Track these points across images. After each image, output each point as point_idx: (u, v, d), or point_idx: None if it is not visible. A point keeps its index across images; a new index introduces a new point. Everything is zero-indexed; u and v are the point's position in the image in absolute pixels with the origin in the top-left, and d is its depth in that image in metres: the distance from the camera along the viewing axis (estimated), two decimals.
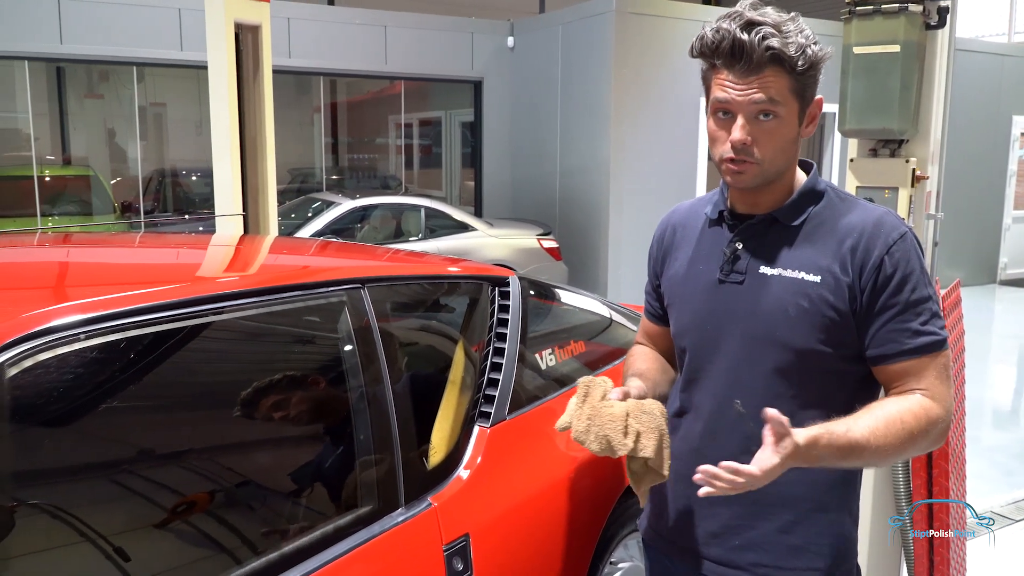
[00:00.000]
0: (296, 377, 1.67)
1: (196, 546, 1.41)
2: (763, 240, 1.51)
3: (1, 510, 1.20)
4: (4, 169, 10.08)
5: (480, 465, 1.84)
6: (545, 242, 8.76)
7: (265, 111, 4.32)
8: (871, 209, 1.48)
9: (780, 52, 1.35)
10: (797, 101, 1.41)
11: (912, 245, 1.44)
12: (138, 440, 1.42)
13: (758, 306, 1.48)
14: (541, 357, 2.22)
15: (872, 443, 1.35)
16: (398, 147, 13.23)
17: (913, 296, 1.42)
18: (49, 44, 8.64)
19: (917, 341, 1.42)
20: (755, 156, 1.42)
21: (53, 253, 2.12)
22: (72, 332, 1.28)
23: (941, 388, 1.43)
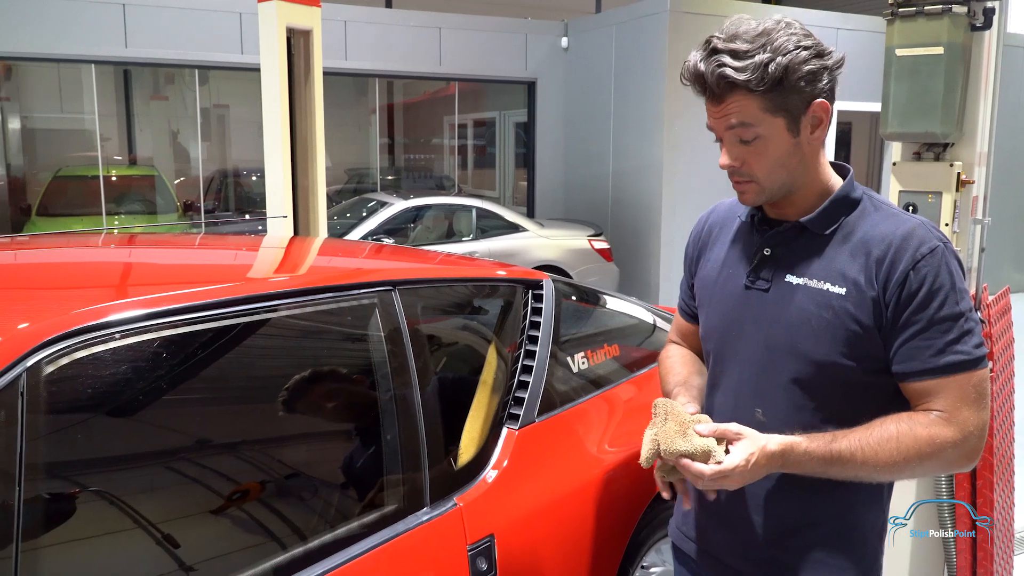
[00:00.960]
0: (325, 377, 1.71)
1: (222, 539, 1.46)
2: (791, 248, 1.48)
3: (53, 499, 1.27)
4: (72, 169, 10.44)
5: (507, 467, 1.86)
6: (596, 243, 8.74)
7: (316, 114, 4.40)
8: (904, 220, 1.43)
9: (732, 79, 1.34)
10: (780, 116, 1.37)
11: (943, 259, 1.38)
12: (167, 437, 1.47)
13: (781, 315, 1.46)
14: (573, 360, 2.23)
15: (858, 458, 1.35)
16: (452, 148, 13.33)
17: (941, 313, 1.36)
18: (115, 48, 8.93)
19: (941, 360, 1.37)
20: (750, 175, 1.42)
21: (110, 253, 2.20)
22: (115, 329, 1.34)
23: (964, 411, 1.37)
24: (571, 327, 2.53)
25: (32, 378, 1.24)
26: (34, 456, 1.22)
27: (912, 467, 1.37)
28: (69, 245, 2.57)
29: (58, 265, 1.98)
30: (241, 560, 1.43)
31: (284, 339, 1.68)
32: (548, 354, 2.10)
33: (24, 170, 12.00)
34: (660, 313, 2.99)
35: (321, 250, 2.38)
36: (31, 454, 1.21)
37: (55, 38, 8.64)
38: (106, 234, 4.77)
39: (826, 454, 1.35)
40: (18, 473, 1.19)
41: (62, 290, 1.66)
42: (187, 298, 1.46)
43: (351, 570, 1.50)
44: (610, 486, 2.05)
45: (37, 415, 1.24)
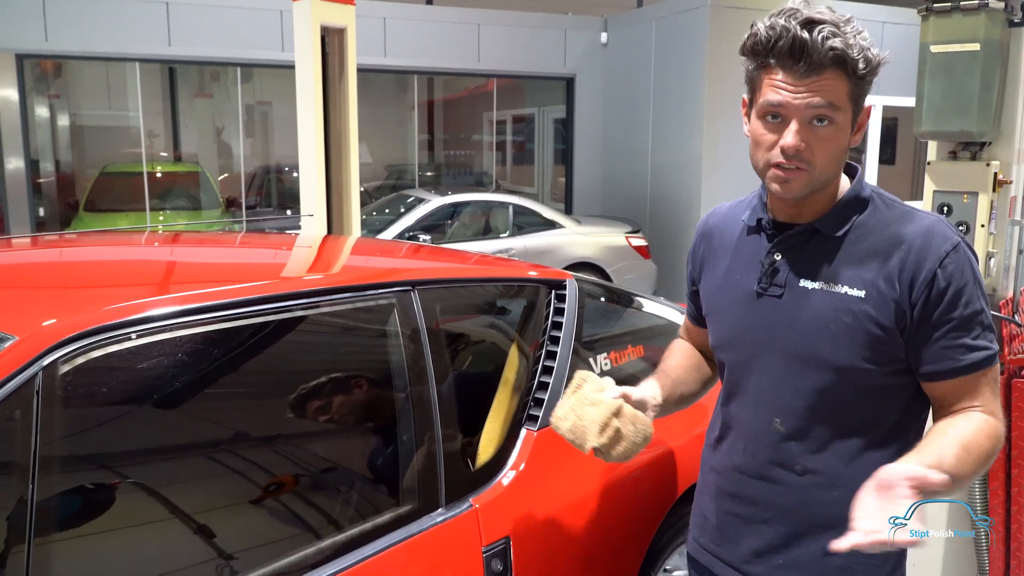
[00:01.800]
0: (342, 377, 1.72)
1: (234, 538, 1.48)
2: (803, 252, 1.43)
3: (66, 496, 1.29)
4: (117, 165, 10.65)
5: (525, 468, 1.85)
6: (633, 240, 8.68)
7: (350, 112, 4.43)
8: (920, 218, 1.39)
9: (843, 53, 1.27)
10: (852, 107, 1.33)
11: (965, 256, 1.36)
12: (181, 436, 1.49)
13: (798, 322, 1.41)
14: (596, 361, 2.21)
15: (961, 472, 1.29)
16: (491, 144, 13.34)
17: (967, 311, 1.34)
18: (159, 46, 9.10)
19: (971, 357, 1.35)
20: (808, 162, 1.33)
21: (138, 252, 2.24)
22: (131, 329, 1.36)
23: (995, 403, 1.39)
24: (597, 327, 2.50)
25: (48, 377, 1.26)
26: (48, 453, 1.24)
27: (985, 467, 1.36)
28: (103, 244, 2.62)
29: (87, 264, 2.02)
30: (254, 558, 1.45)
31: (300, 339, 1.68)
32: (569, 354, 2.08)
33: (73, 167, 12.29)
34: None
35: (343, 250, 2.39)
36: (45, 451, 1.23)
37: (101, 37, 8.83)
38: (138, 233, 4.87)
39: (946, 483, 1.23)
40: (32, 470, 1.21)
41: (87, 289, 1.69)
42: (201, 298, 1.47)
43: (364, 570, 1.50)
44: (630, 488, 2.03)
45: (53, 413, 1.26)
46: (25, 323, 1.32)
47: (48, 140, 11.87)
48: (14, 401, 1.22)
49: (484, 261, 2.39)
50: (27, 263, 2.01)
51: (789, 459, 1.46)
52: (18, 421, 1.22)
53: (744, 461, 1.52)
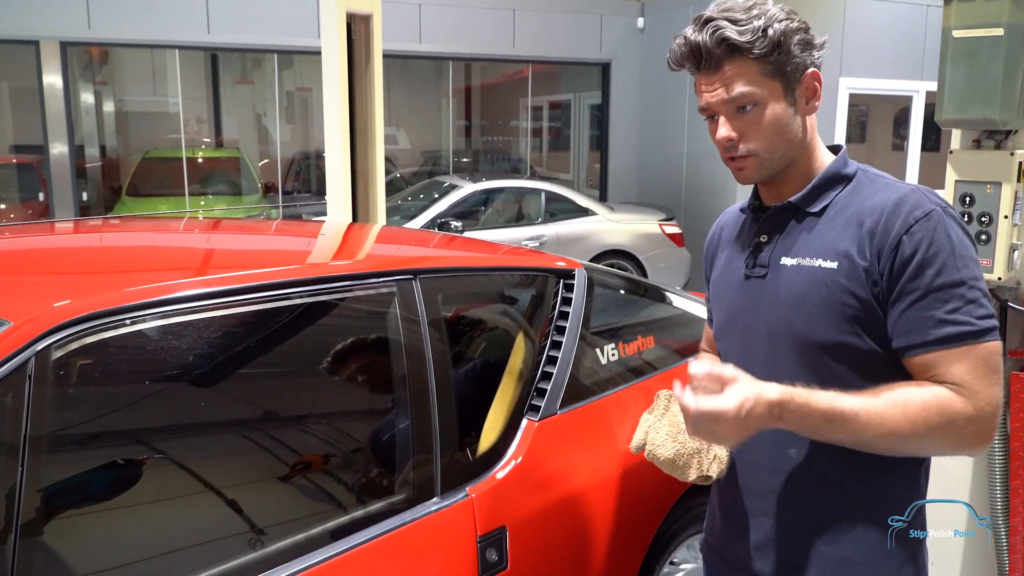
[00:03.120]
0: (340, 366, 1.73)
1: (220, 525, 1.49)
2: (784, 230, 1.44)
3: (56, 483, 1.32)
4: (159, 151, 10.84)
5: (524, 458, 1.84)
6: (667, 227, 8.59)
7: (375, 99, 4.44)
8: (898, 187, 1.37)
9: (735, 42, 1.32)
10: (777, 81, 1.35)
11: (941, 223, 1.29)
12: (173, 423, 1.51)
13: (776, 299, 1.41)
14: (603, 352, 2.20)
15: (862, 418, 1.25)
16: (526, 130, 13.29)
17: (938, 280, 1.27)
18: (198, 34, 9.21)
19: (940, 331, 1.28)
20: (748, 149, 1.37)
21: (156, 239, 2.27)
22: (126, 316, 1.38)
23: (977, 384, 1.27)
24: (609, 318, 2.49)
25: (41, 362, 1.28)
26: (39, 440, 1.27)
27: (920, 438, 1.27)
28: (124, 230, 2.66)
29: (99, 249, 2.05)
30: (245, 544, 1.46)
31: (299, 327, 1.69)
32: (575, 345, 2.07)
33: (117, 152, 12.53)
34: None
35: (351, 239, 2.40)
36: (36, 438, 1.26)
37: (142, 24, 8.97)
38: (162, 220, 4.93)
39: (828, 409, 1.26)
40: (22, 456, 1.23)
41: (92, 275, 1.72)
42: (195, 286, 1.49)
43: (356, 557, 1.51)
44: (634, 480, 2.02)
45: (45, 398, 1.28)
46: (22, 308, 1.35)
47: (94, 126, 12.11)
48: (6, 386, 1.24)
49: (494, 250, 2.38)
50: (42, 248, 2.05)
51: (785, 442, 1.42)
52: (9, 405, 1.24)
53: (741, 449, 1.49)
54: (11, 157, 10.76)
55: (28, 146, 10.30)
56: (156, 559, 1.40)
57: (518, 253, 2.49)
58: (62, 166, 9.28)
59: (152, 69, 12.17)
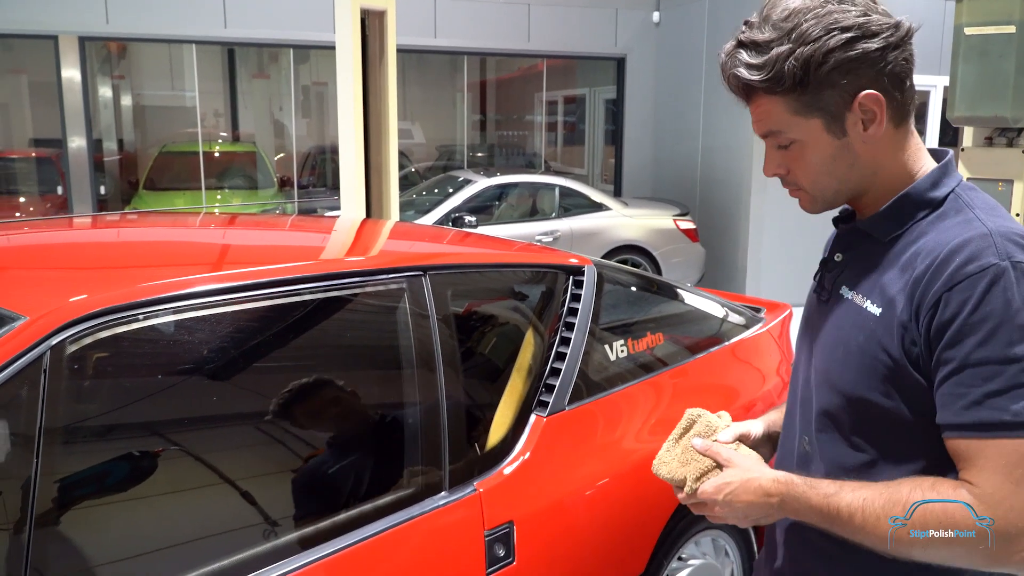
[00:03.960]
0: (349, 360, 1.75)
1: (227, 519, 1.52)
2: (856, 253, 1.25)
3: (70, 476, 1.35)
4: (176, 145, 10.91)
5: (532, 454, 1.86)
6: (682, 223, 8.57)
7: (389, 94, 4.46)
8: (972, 226, 1.11)
9: (747, 81, 1.16)
10: (815, 116, 1.15)
11: (1000, 282, 1.04)
12: (184, 417, 1.54)
13: (823, 334, 1.25)
14: (612, 348, 2.21)
15: (857, 520, 1.10)
16: (541, 125, 13.29)
17: (980, 353, 1.04)
18: (215, 28, 9.26)
19: (969, 415, 1.05)
20: (796, 183, 1.23)
21: (170, 234, 2.30)
22: (140, 311, 1.41)
23: (1002, 489, 1.03)
24: (619, 314, 2.50)
25: (56, 357, 1.31)
26: (54, 432, 1.29)
27: (923, 548, 1.08)
28: (139, 225, 2.70)
29: (116, 245, 2.08)
30: (253, 536, 1.49)
31: (309, 323, 1.72)
32: (584, 341, 2.08)
33: (135, 146, 12.62)
34: (734, 307, 2.91)
35: (362, 235, 2.42)
36: (51, 430, 1.28)
37: (160, 19, 9.03)
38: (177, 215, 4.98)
39: (823, 506, 1.12)
40: (37, 448, 1.26)
41: (109, 270, 1.75)
42: (212, 281, 1.51)
43: (363, 551, 1.54)
44: (641, 476, 2.02)
45: (59, 392, 1.31)
46: (40, 302, 1.38)
47: (112, 120, 12.21)
48: (22, 380, 1.27)
49: (503, 246, 2.39)
50: (59, 243, 2.08)
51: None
52: (25, 398, 1.27)
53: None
54: (30, 151, 10.87)
55: (47, 140, 10.40)
56: (168, 550, 1.42)
57: (528, 249, 2.50)
58: (80, 160, 9.36)
59: (169, 63, 12.24)
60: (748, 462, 1.27)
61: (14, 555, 1.22)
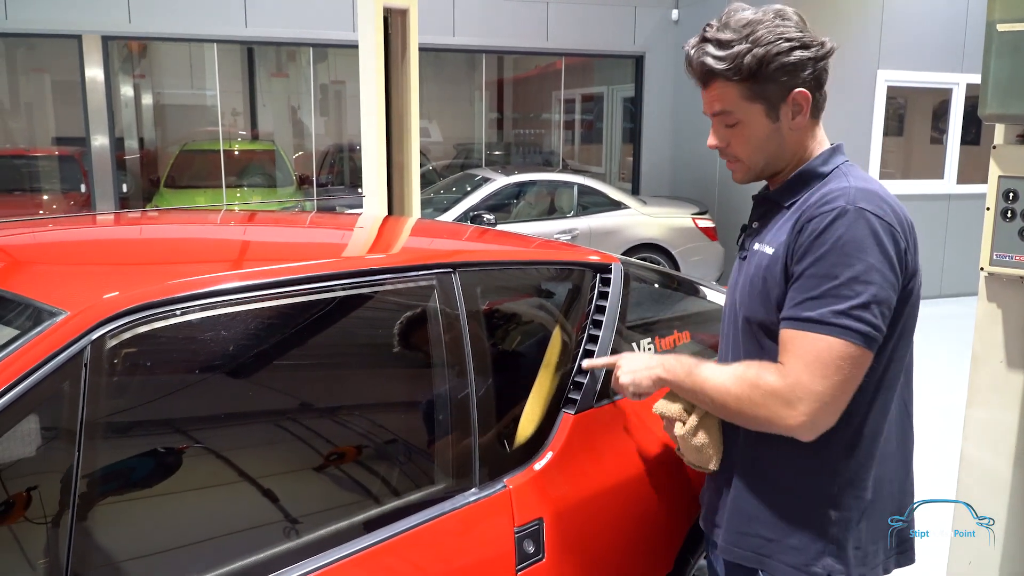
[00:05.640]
0: (381, 357, 1.76)
1: (262, 512, 1.53)
2: (766, 218, 1.59)
3: (110, 468, 1.36)
4: (196, 143, 10.99)
5: (561, 451, 1.86)
6: (701, 221, 8.55)
7: (411, 92, 4.47)
8: (839, 181, 1.47)
9: (711, 68, 1.46)
10: (758, 103, 1.47)
11: (844, 220, 1.37)
12: (220, 411, 1.55)
13: (740, 281, 1.58)
14: (639, 347, 2.20)
15: (699, 376, 1.53)
16: (559, 123, 13.28)
17: (813, 268, 1.38)
18: (235, 27, 9.32)
19: (791, 311, 1.40)
20: (735, 156, 1.56)
21: (198, 231, 2.32)
22: (179, 306, 1.42)
23: (797, 368, 1.38)
24: (645, 312, 2.50)
25: (96, 350, 1.32)
26: (95, 425, 1.31)
27: (739, 406, 1.45)
28: (165, 222, 2.72)
29: (147, 241, 2.10)
30: (285, 531, 1.50)
31: (341, 319, 1.73)
32: (611, 339, 2.08)
33: (156, 144, 12.73)
34: None
35: (392, 232, 2.43)
36: (92, 423, 1.30)
37: (181, 18, 9.10)
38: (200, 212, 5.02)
39: (691, 363, 1.56)
40: (79, 440, 1.28)
41: (144, 266, 1.76)
42: (244, 277, 1.52)
43: (394, 546, 1.54)
44: (668, 473, 2.03)
45: (100, 386, 1.32)
46: (79, 298, 1.39)
47: (133, 118, 12.31)
48: (63, 374, 1.28)
49: (531, 244, 2.40)
50: (89, 240, 2.10)
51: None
52: (67, 393, 1.29)
53: None
54: (53, 149, 10.99)
55: (69, 138, 10.51)
56: (202, 544, 1.44)
57: (555, 247, 2.50)
58: (103, 158, 9.45)
59: (190, 62, 12.34)
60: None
61: (57, 548, 1.24)
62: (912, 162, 10.18)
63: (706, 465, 1.67)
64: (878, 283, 1.36)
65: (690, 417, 1.62)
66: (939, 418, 4.33)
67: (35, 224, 2.29)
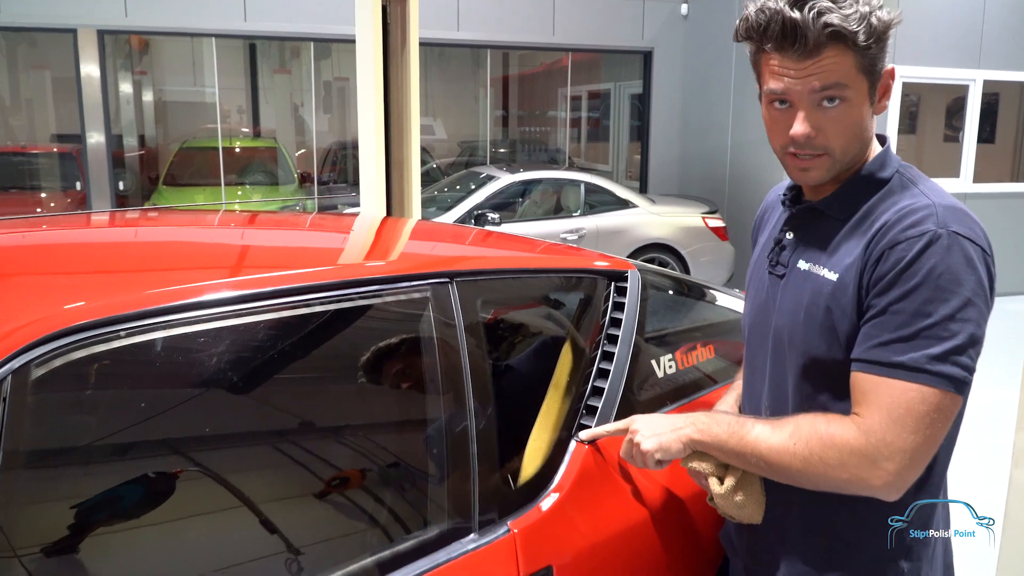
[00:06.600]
0: (365, 381, 1.53)
1: (225, 564, 1.31)
2: (809, 230, 1.36)
3: (27, 510, 1.15)
4: (196, 140, 10.79)
5: (572, 487, 1.63)
6: (710, 221, 8.32)
7: (411, 86, 4.24)
8: (917, 197, 1.24)
9: (840, 28, 1.17)
10: (866, 78, 1.23)
11: (936, 248, 1.16)
12: (157, 445, 1.33)
13: (785, 304, 1.35)
14: (659, 363, 1.98)
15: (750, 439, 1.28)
16: (565, 120, 13.05)
17: (902, 304, 1.17)
18: (235, 22, 9.10)
19: (873, 353, 1.19)
20: (825, 147, 1.26)
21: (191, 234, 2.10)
22: (114, 328, 1.20)
23: (881, 421, 1.17)
24: (661, 323, 2.27)
25: (18, 383, 1.10)
26: (12, 463, 1.09)
27: (808, 468, 1.22)
28: (147, 224, 2.50)
29: (107, 246, 1.87)
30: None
31: (320, 337, 1.50)
32: (628, 356, 1.85)
33: (156, 141, 12.54)
34: None
35: (383, 237, 2.20)
36: (10, 465, 1.08)
37: (179, 12, 8.89)
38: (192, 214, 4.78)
39: (730, 421, 1.32)
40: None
41: (97, 275, 1.54)
42: (197, 292, 1.30)
43: None
44: (694, 512, 1.80)
45: (20, 428, 1.10)
46: (7, 317, 1.17)
47: (132, 115, 12.12)
48: None
49: (537, 249, 2.17)
50: (48, 244, 1.87)
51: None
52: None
53: None
54: (52, 146, 10.81)
55: (69, 135, 10.32)
56: None
57: (563, 252, 2.27)
58: (99, 155, 9.24)
59: (191, 59, 12.15)
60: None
61: None
62: (925, 160, 9.93)
63: (748, 520, 1.45)
64: (975, 320, 1.17)
65: (727, 476, 1.39)
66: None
67: (6, 225, 2.06)
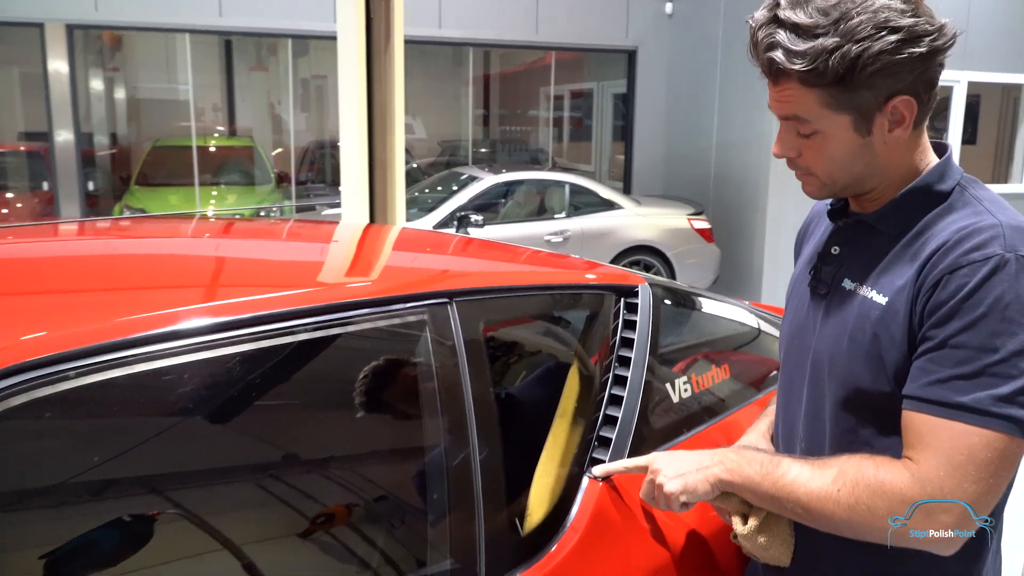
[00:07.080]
0: (353, 416, 1.36)
1: None
2: (857, 246, 1.23)
3: None
4: (170, 139, 10.51)
5: (587, 530, 1.46)
6: (696, 222, 8.20)
7: (396, 84, 4.06)
8: (980, 216, 1.10)
9: (780, 66, 1.08)
10: (845, 113, 1.10)
11: (999, 275, 1.03)
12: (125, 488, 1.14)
13: (826, 326, 1.23)
14: (674, 387, 1.82)
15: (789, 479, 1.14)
16: (547, 120, 12.89)
17: (963, 336, 1.04)
18: (209, 17, 8.85)
19: (934, 392, 1.05)
20: (807, 169, 1.19)
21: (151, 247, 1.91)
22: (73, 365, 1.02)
23: (945, 474, 1.03)
24: (669, 338, 2.11)
25: None
26: None
27: (853, 517, 1.08)
28: (107, 235, 2.30)
29: (53, 262, 1.68)
30: None
31: (303, 368, 1.32)
32: (642, 381, 1.69)
33: (129, 140, 12.23)
34: (763, 315, 2.52)
35: (371, 250, 2.02)
36: None
37: (151, 6, 8.63)
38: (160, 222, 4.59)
39: (763, 460, 1.19)
40: None
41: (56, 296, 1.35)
42: (161, 322, 1.11)
43: None
44: (719, 550, 1.64)
45: None
46: None
47: (104, 113, 11.81)
48: None
49: (541, 261, 2.00)
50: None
51: None
52: None
53: None
54: (19, 144, 10.48)
55: (38, 133, 10.01)
56: None
57: (567, 265, 2.10)
58: (67, 154, 8.96)
59: (165, 55, 11.85)
60: None
61: None
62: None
63: (775, 563, 1.30)
64: None
65: (751, 515, 1.27)
66: None
67: None
